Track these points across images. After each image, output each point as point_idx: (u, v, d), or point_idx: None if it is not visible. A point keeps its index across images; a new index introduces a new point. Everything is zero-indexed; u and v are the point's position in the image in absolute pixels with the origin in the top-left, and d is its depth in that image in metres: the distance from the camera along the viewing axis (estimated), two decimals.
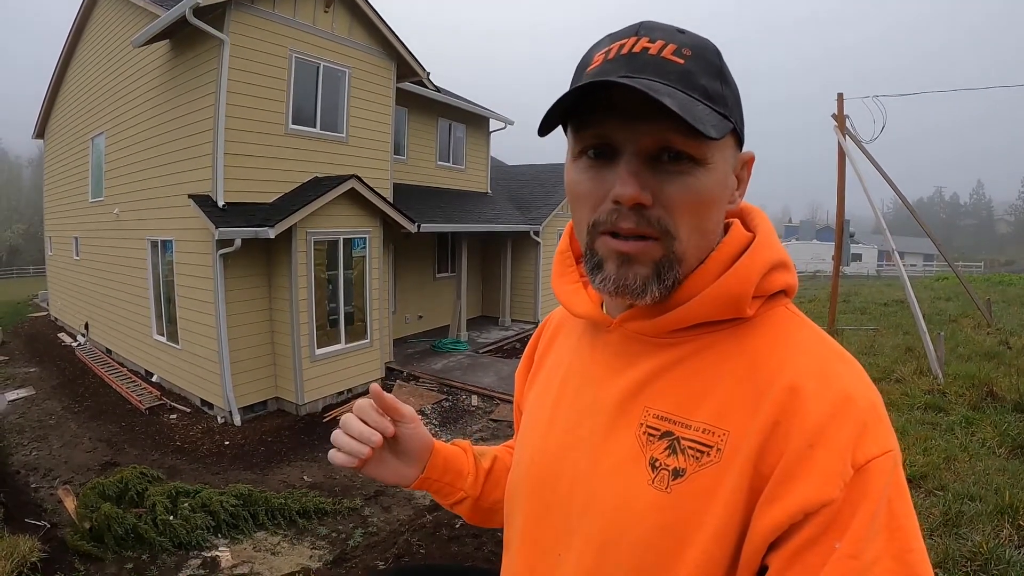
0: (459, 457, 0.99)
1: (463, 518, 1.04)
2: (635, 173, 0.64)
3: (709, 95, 0.64)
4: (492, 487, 1.02)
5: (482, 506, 1.01)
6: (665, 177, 0.65)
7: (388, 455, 0.92)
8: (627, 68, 0.64)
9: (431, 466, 0.94)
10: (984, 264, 50.83)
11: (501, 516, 0.99)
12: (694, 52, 0.65)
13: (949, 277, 18.76)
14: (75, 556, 4.56)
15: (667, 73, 0.63)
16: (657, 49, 0.64)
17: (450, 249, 13.80)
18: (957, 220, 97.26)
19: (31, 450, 7.03)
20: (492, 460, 1.04)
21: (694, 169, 0.65)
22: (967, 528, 3.30)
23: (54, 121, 15.04)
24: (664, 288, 0.68)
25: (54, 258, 15.93)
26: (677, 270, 0.68)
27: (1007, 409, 5.25)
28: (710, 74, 0.65)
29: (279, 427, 8.04)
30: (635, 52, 0.65)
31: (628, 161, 0.65)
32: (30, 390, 9.60)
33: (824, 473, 0.58)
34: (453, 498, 0.98)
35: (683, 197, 0.65)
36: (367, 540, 5.10)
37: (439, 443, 0.97)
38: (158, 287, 9.58)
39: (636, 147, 0.65)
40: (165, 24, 7.66)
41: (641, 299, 0.68)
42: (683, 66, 0.64)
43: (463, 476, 0.98)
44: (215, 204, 7.69)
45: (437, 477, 0.95)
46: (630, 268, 0.67)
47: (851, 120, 8.51)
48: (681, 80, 0.63)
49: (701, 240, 0.69)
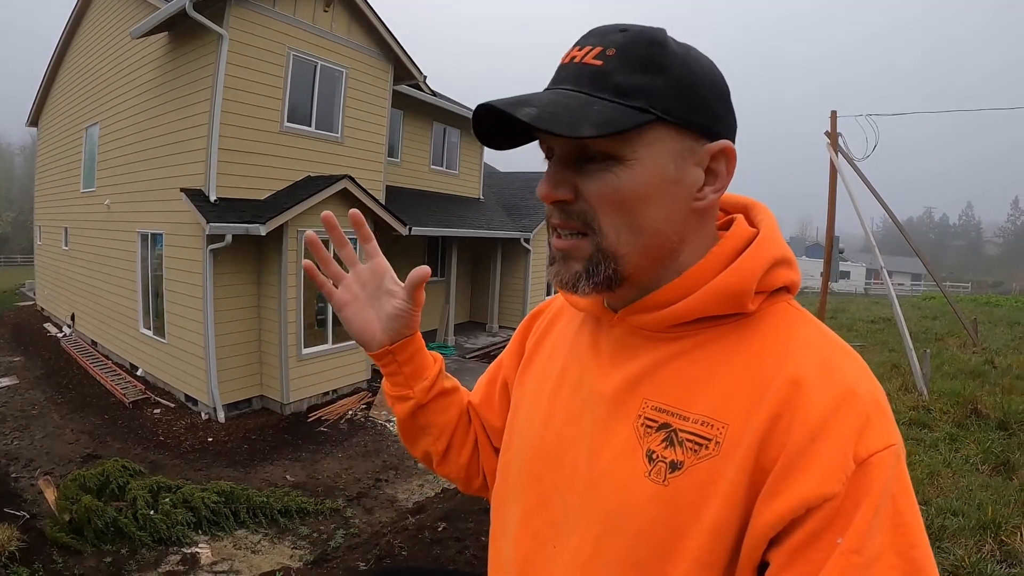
0: (427, 360, 0.97)
1: (396, 423, 1.02)
2: (551, 173, 0.70)
3: (621, 91, 0.64)
4: (438, 410, 0.99)
5: (419, 420, 0.98)
6: (585, 176, 0.68)
7: (372, 312, 0.92)
8: (554, 80, 0.70)
9: (400, 345, 0.92)
10: (971, 285, 51.18)
11: (429, 442, 1.00)
12: (620, 50, 0.66)
13: (936, 296, 18.94)
14: (54, 548, 4.49)
15: (580, 78, 0.67)
16: (581, 56, 0.68)
17: (440, 253, 13.78)
18: (946, 240, 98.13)
19: (12, 440, 6.95)
20: (453, 387, 1.02)
21: (612, 166, 0.66)
22: (949, 543, 3.32)
23: (48, 109, 14.95)
24: (595, 284, 0.70)
25: (43, 248, 15.79)
26: (609, 267, 0.69)
27: (991, 427, 5.30)
28: (631, 68, 0.65)
29: (263, 425, 7.98)
30: (565, 63, 0.70)
31: (551, 163, 0.71)
32: (14, 379, 9.49)
33: (826, 467, 0.57)
34: (401, 391, 0.96)
35: (600, 193, 0.67)
36: (348, 541, 5.07)
37: (420, 337, 0.96)
38: (146, 280, 9.51)
39: (560, 151, 0.70)
40: (165, 16, 7.64)
41: (576, 293, 0.72)
42: (599, 68, 0.66)
43: (421, 378, 0.95)
44: (207, 199, 7.64)
45: (400, 360, 0.93)
46: (564, 264, 0.72)
47: (843, 138, 8.59)
48: (591, 83, 0.66)
49: (635, 236, 0.68)
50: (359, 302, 0.93)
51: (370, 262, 0.93)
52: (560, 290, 0.75)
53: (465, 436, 1.04)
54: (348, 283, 0.93)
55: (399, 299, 0.90)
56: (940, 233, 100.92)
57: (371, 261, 0.93)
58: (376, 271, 0.92)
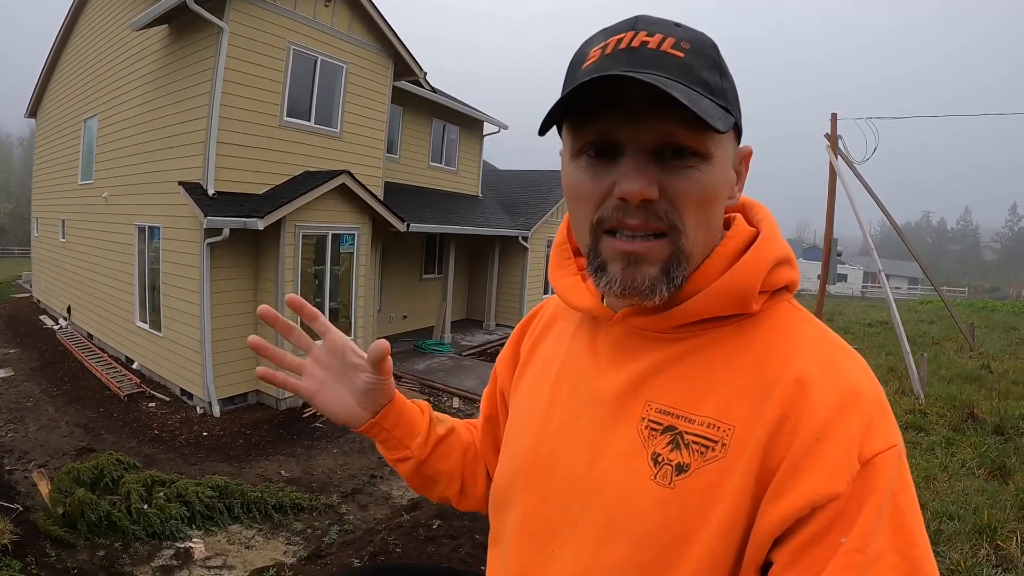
0: (414, 415, 0.97)
1: (403, 478, 1.02)
2: (640, 169, 0.63)
3: (711, 88, 0.63)
4: (440, 456, 0.99)
5: (425, 472, 0.98)
6: (670, 172, 0.64)
7: (344, 391, 0.91)
8: (628, 63, 0.62)
9: (383, 414, 0.92)
10: (968, 290, 51.35)
11: (441, 488, 1.01)
12: (693, 46, 0.64)
13: (933, 301, 18.96)
14: (47, 540, 4.48)
15: (669, 67, 0.61)
16: (656, 43, 0.63)
17: (438, 250, 13.74)
18: (944, 245, 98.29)
19: (6, 432, 6.92)
20: (448, 430, 1.02)
21: (699, 163, 0.64)
22: (945, 546, 3.32)
23: (47, 100, 14.89)
24: (673, 287, 0.67)
25: (40, 240, 15.76)
26: (685, 267, 0.67)
27: (987, 431, 5.31)
28: (709, 67, 0.64)
29: (258, 420, 7.96)
30: (634, 47, 0.63)
31: (633, 157, 0.64)
32: (9, 371, 9.47)
33: (831, 467, 0.57)
34: (398, 454, 0.95)
35: (689, 192, 0.64)
36: (343, 537, 5.05)
37: (400, 396, 0.95)
38: (143, 274, 9.49)
39: (640, 143, 0.63)
40: (165, 8, 7.61)
41: (650, 300, 0.67)
42: (683, 60, 0.62)
43: (413, 435, 0.95)
44: (205, 192, 7.62)
45: (387, 427, 0.93)
46: (637, 269, 0.66)
47: (843, 140, 8.58)
48: (683, 74, 0.62)
49: (706, 236, 0.68)
50: (326, 386, 0.91)
51: (324, 340, 0.91)
52: (623, 297, 0.68)
53: (475, 470, 1.05)
54: (309, 370, 0.92)
55: (366, 372, 0.88)
56: (938, 238, 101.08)
57: (325, 338, 0.91)
58: (334, 349, 0.91)
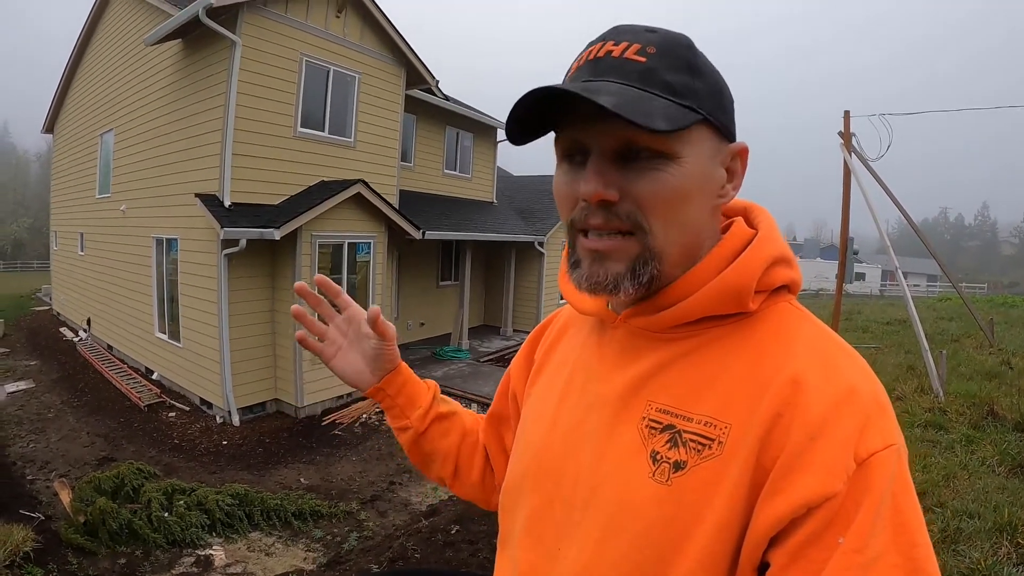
0: (419, 388, 1.04)
1: (403, 450, 1.09)
2: (598, 172, 0.66)
3: (673, 89, 0.65)
4: (439, 434, 1.05)
5: (423, 446, 1.04)
6: (633, 174, 0.66)
7: (357, 357, 1.00)
8: (590, 73, 0.67)
9: (388, 380, 1.00)
10: (987, 285, 50.57)
11: (437, 467, 1.07)
12: (659, 49, 0.66)
13: (952, 298, 18.73)
14: (68, 549, 4.55)
15: (627, 73, 0.65)
16: (620, 51, 0.66)
17: (454, 257, 13.80)
18: (961, 241, 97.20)
19: (28, 442, 7.03)
20: (450, 411, 1.08)
21: (664, 164, 0.65)
22: (965, 545, 3.28)
23: (64, 116, 15.13)
24: (638, 284, 0.68)
25: (59, 253, 15.98)
26: (654, 266, 0.68)
27: (1008, 428, 5.23)
28: (676, 68, 0.66)
29: (277, 428, 8.03)
30: (599, 57, 0.67)
31: (593, 161, 0.67)
32: (30, 383, 9.61)
33: (826, 466, 0.57)
34: (400, 423, 1.03)
35: (653, 192, 0.66)
36: (362, 544, 5.08)
37: (405, 366, 1.04)
38: (161, 285, 9.60)
39: (601, 147, 0.67)
40: (178, 24, 7.73)
41: (615, 295, 0.69)
42: (644, 64, 0.65)
43: (415, 407, 1.02)
44: (221, 204, 7.71)
45: (391, 393, 1.01)
46: (602, 265, 0.69)
47: (857, 138, 8.51)
48: (641, 78, 0.65)
49: (681, 235, 0.69)
50: (344, 351, 1.01)
51: (345, 312, 1.02)
52: (591, 293, 0.72)
53: (472, 457, 1.08)
54: (331, 336, 1.02)
55: (374, 339, 0.98)
56: (955, 234, 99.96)
57: (346, 311, 1.02)
58: (352, 319, 1.01)
